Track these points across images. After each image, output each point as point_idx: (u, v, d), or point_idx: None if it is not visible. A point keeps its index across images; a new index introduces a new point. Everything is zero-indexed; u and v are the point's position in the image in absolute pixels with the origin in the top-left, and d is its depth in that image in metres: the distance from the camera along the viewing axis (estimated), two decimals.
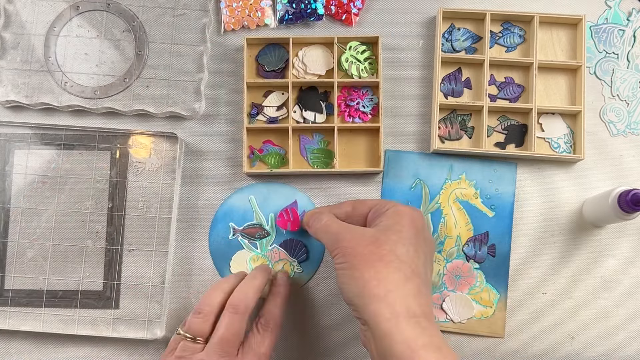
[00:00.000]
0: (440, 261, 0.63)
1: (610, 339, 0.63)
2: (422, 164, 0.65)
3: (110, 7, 0.65)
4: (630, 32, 0.67)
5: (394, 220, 0.52)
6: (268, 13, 0.66)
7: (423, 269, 0.50)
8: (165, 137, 0.64)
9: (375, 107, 0.64)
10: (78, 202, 0.63)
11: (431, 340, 0.45)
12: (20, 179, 0.63)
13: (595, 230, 0.64)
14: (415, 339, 0.45)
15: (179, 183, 0.63)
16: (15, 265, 0.62)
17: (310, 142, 0.65)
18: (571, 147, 0.65)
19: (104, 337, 0.62)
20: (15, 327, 0.62)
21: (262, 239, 0.64)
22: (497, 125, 0.65)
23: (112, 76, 0.64)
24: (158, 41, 0.65)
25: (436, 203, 0.64)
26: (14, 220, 0.63)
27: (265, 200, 0.64)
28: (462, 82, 0.66)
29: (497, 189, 0.64)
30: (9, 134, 0.64)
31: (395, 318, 0.46)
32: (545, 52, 0.66)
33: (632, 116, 0.66)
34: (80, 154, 0.64)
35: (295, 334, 0.63)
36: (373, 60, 0.65)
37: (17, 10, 0.65)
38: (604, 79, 0.66)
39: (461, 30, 0.66)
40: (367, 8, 0.67)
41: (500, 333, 0.63)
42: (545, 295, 0.64)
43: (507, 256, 0.64)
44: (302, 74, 0.65)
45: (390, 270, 0.48)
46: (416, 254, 0.50)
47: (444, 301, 0.63)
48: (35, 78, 0.64)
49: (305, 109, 0.65)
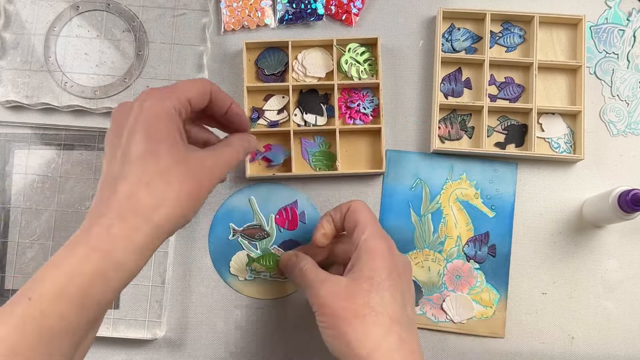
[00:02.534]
0: (441, 261, 0.64)
1: (610, 339, 0.63)
2: (423, 164, 0.65)
3: (110, 7, 0.65)
4: (630, 32, 0.67)
5: (365, 264, 0.50)
6: (268, 13, 0.66)
7: (401, 309, 0.49)
8: None
9: (376, 108, 0.64)
10: (78, 202, 0.63)
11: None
12: (20, 179, 0.63)
13: (595, 230, 0.64)
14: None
15: None
16: (15, 265, 0.62)
17: (311, 145, 0.65)
18: (571, 147, 0.65)
19: (104, 337, 0.62)
20: None
21: (262, 239, 0.64)
22: (497, 125, 0.65)
23: (112, 76, 0.64)
24: (158, 41, 0.65)
25: (437, 203, 0.64)
26: (14, 220, 0.63)
27: (265, 201, 0.64)
28: (462, 82, 0.66)
29: (498, 189, 0.64)
30: (9, 134, 0.64)
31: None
32: (545, 52, 0.66)
33: (632, 116, 0.66)
34: (80, 154, 0.64)
35: (295, 334, 0.63)
36: (372, 62, 0.65)
37: (17, 10, 0.65)
38: (604, 79, 0.67)
39: (461, 30, 0.66)
40: (367, 8, 0.67)
41: (500, 333, 0.63)
42: (545, 295, 0.64)
43: (508, 256, 0.64)
44: (302, 77, 0.65)
45: (368, 326, 0.47)
46: (392, 298, 0.49)
47: (444, 301, 0.63)
48: (35, 78, 0.64)
49: (306, 112, 0.65)
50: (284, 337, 0.63)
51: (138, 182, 0.42)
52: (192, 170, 0.44)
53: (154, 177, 0.42)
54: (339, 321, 0.48)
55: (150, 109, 0.44)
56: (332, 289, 0.50)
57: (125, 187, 0.41)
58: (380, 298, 0.49)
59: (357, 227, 0.53)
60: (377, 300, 0.48)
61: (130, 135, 0.43)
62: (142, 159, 0.42)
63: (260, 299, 0.63)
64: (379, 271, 0.50)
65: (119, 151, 0.43)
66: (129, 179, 0.42)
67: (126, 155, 0.43)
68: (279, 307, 0.63)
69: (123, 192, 0.41)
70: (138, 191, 0.41)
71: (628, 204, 0.55)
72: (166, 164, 0.43)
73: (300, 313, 0.63)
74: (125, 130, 0.44)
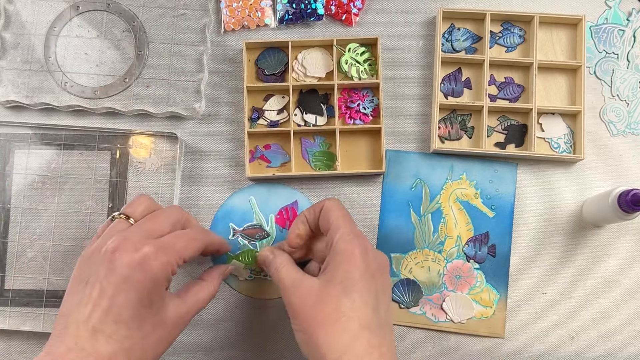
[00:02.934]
0: (441, 261, 0.64)
1: (610, 339, 0.63)
2: (423, 164, 0.65)
3: (110, 7, 0.65)
4: (630, 32, 0.67)
5: (337, 266, 0.50)
6: (268, 13, 0.66)
7: (373, 313, 0.49)
8: (165, 137, 0.64)
9: (376, 108, 0.64)
10: (78, 202, 0.63)
11: None
12: (20, 179, 0.63)
13: (595, 230, 0.64)
14: None
15: (179, 183, 0.63)
16: (15, 265, 0.62)
17: (311, 145, 0.65)
18: (571, 147, 0.65)
19: None
20: (16, 327, 0.62)
21: (262, 239, 0.64)
22: (497, 125, 0.65)
23: (112, 76, 0.64)
24: (158, 41, 0.65)
25: (437, 203, 0.64)
26: (14, 220, 0.63)
27: (265, 201, 0.64)
28: (462, 82, 0.66)
29: (498, 189, 0.64)
30: (9, 134, 0.64)
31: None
32: (545, 52, 0.66)
33: (632, 116, 0.66)
34: (80, 154, 0.64)
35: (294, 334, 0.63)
36: (372, 62, 0.65)
37: (17, 10, 0.65)
38: (604, 79, 0.67)
39: (461, 30, 0.66)
40: (367, 8, 0.67)
41: (500, 333, 0.63)
42: (545, 295, 0.64)
43: (507, 256, 0.64)
44: (302, 77, 0.65)
45: (339, 330, 0.47)
46: (362, 301, 0.49)
47: (444, 301, 0.63)
48: (35, 78, 0.64)
49: (306, 112, 0.65)
50: (284, 336, 0.63)
51: (120, 347, 0.46)
52: (169, 331, 0.50)
53: (135, 344, 0.47)
54: (311, 326, 0.48)
55: (156, 270, 0.48)
56: (304, 293, 0.50)
57: (107, 347, 0.46)
58: (351, 302, 0.48)
59: (330, 227, 0.52)
60: (347, 304, 0.48)
61: (126, 293, 0.46)
62: (130, 323, 0.47)
63: (260, 299, 0.63)
64: (351, 273, 0.49)
65: (103, 294, 0.47)
66: (112, 340, 0.46)
67: (113, 309, 0.46)
68: (278, 306, 0.63)
69: (104, 353, 0.46)
70: (118, 357, 0.46)
71: (628, 204, 0.55)
72: (148, 330, 0.48)
73: None
74: (120, 277, 0.47)
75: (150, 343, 0.48)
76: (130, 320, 0.47)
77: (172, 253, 0.49)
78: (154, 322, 0.48)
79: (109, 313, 0.46)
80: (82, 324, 0.46)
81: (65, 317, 0.47)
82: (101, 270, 0.47)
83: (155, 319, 0.48)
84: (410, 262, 0.63)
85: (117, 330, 0.46)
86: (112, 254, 0.47)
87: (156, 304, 0.48)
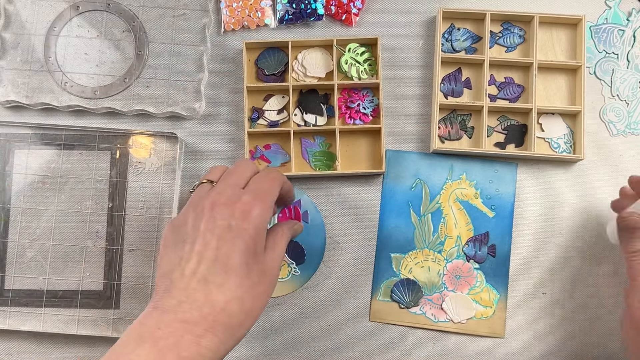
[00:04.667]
0: (441, 261, 0.64)
1: (610, 338, 0.63)
2: (423, 164, 0.65)
3: (110, 7, 0.65)
4: (630, 32, 0.67)
5: None
6: (268, 13, 0.66)
7: None
8: (165, 137, 0.64)
9: (376, 108, 0.64)
10: (78, 202, 0.63)
11: None
12: (20, 179, 0.63)
13: (596, 230, 0.64)
14: None
15: (179, 183, 0.63)
16: (15, 265, 0.62)
17: (311, 145, 0.65)
18: (571, 147, 0.65)
19: (104, 337, 0.62)
20: (16, 327, 0.62)
21: None
22: (497, 125, 0.65)
23: (112, 76, 0.64)
24: (158, 41, 0.65)
25: (436, 203, 0.64)
26: (14, 220, 0.63)
27: None
28: (462, 82, 0.66)
29: (498, 189, 0.64)
30: (9, 134, 0.64)
31: None
32: (545, 52, 0.66)
33: (632, 116, 0.66)
34: (80, 154, 0.64)
35: (295, 334, 0.63)
36: (372, 62, 0.65)
37: (17, 10, 0.65)
38: (604, 79, 0.67)
39: (461, 30, 0.66)
40: (367, 8, 0.67)
41: (500, 333, 0.63)
42: (545, 295, 0.64)
43: (507, 256, 0.64)
44: (302, 77, 0.65)
45: None
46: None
47: (444, 301, 0.63)
48: (35, 78, 0.64)
49: (306, 112, 0.65)
50: (285, 336, 0.63)
51: (233, 296, 0.45)
52: (269, 281, 0.48)
53: (246, 292, 0.46)
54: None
55: (258, 218, 0.47)
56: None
57: (221, 297, 0.44)
58: None
59: None
60: None
61: (232, 242, 0.46)
62: (239, 271, 0.46)
63: None
64: None
65: (207, 246, 0.46)
66: (225, 289, 0.45)
67: (220, 259, 0.45)
68: (279, 306, 0.63)
69: (219, 302, 0.44)
70: (232, 306, 0.45)
71: None
72: (255, 279, 0.47)
73: (302, 311, 0.63)
74: (223, 229, 0.46)
75: (258, 293, 0.47)
76: (239, 268, 0.46)
77: (266, 197, 0.49)
78: (259, 271, 0.47)
79: (216, 262, 0.45)
80: (190, 277, 0.45)
81: (167, 276, 0.46)
82: (201, 226, 0.46)
83: (259, 268, 0.47)
84: (410, 262, 0.63)
85: (228, 279, 0.45)
86: (212, 209, 0.47)
87: (259, 253, 0.48)
